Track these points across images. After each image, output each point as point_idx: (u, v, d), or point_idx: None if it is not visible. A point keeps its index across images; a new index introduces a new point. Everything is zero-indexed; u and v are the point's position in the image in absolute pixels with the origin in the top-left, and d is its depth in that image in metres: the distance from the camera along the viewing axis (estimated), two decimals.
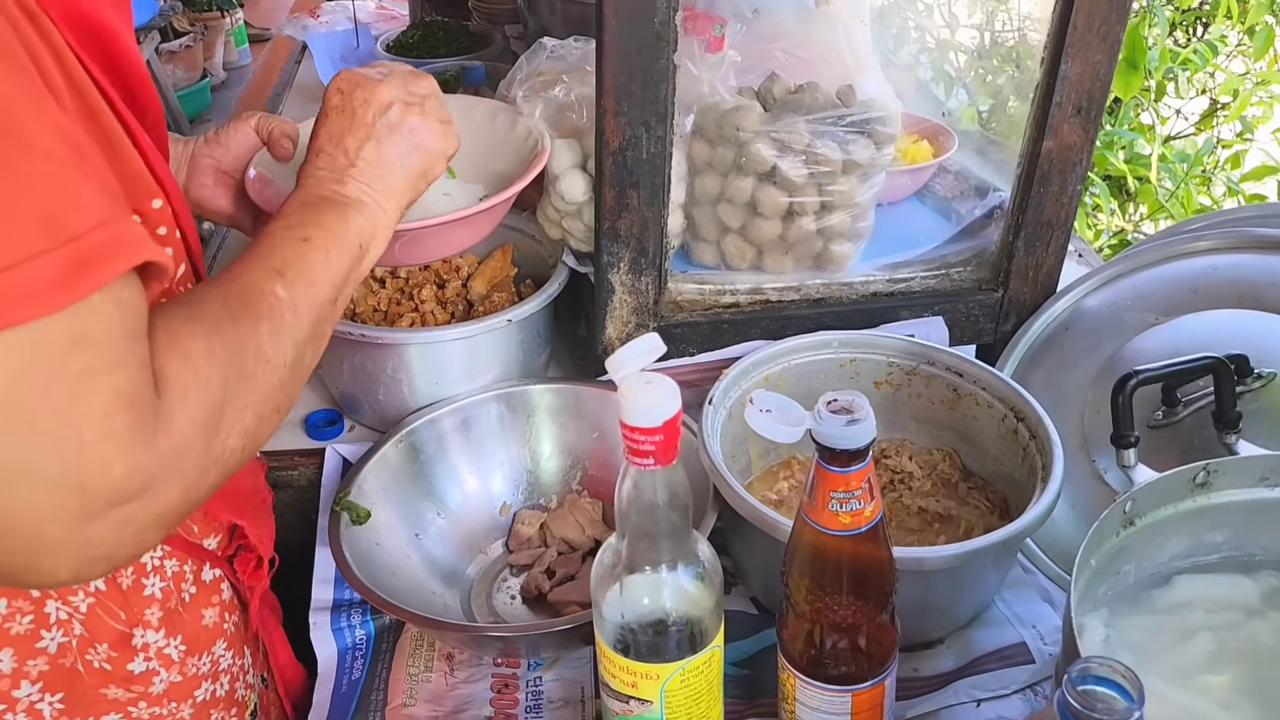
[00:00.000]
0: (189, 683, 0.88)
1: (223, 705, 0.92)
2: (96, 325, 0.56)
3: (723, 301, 1.19)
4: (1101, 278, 1.21)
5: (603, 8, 0.96)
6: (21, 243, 0.52)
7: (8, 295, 0.52)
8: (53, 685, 0.79)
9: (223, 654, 0.91)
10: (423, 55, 2.05)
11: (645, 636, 0.76)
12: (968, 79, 2.12)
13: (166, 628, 0.85)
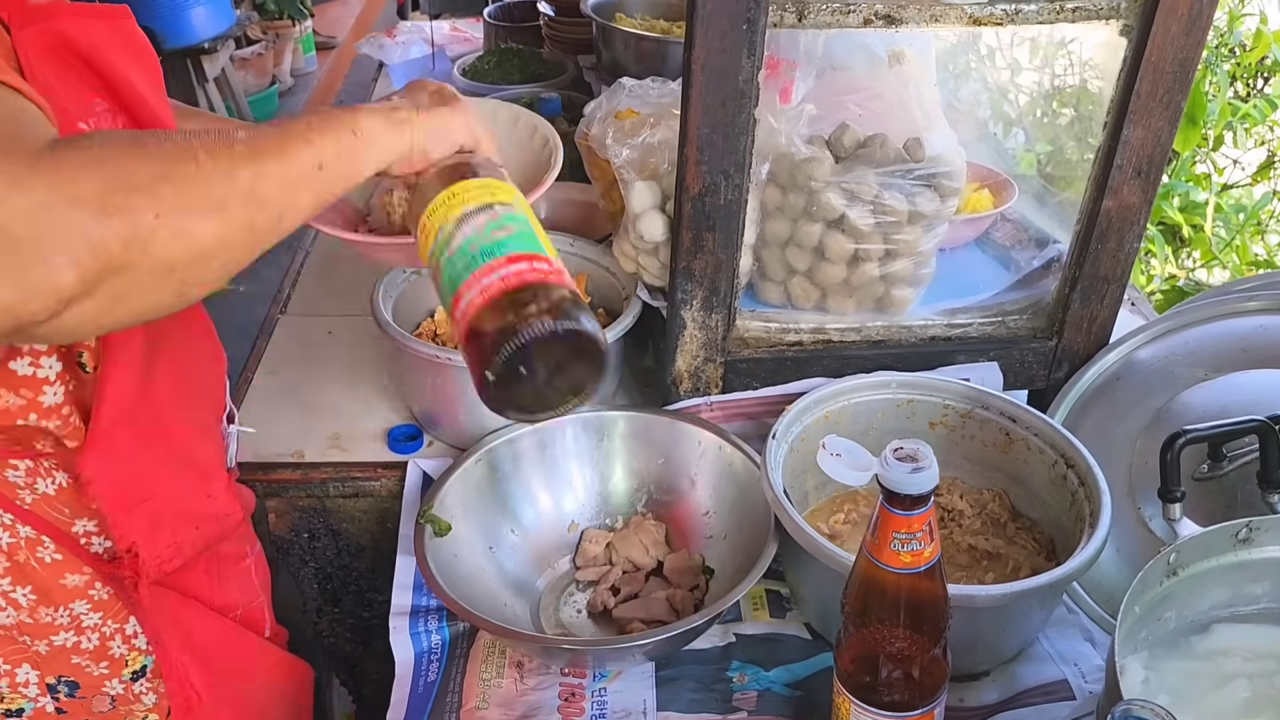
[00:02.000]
0: (42, 626, 0.96)
1: (88, 655, 0.99)
2: None
3: (787, 339, 1.25)
4: (1154, 331, 1.25)
5: (691, 65, 1.03)
6: None
7: None
8: None
9: (86, 613, 0.97)
10: (497, 81, 2.13)
11: None
12: (1026, 121, 2.16)
13: (13, 577, 0.93)
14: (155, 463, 0.97)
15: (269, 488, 1.25)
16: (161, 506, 0.98)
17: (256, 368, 1.42)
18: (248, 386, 1.39)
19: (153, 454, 0.96)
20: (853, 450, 0.82)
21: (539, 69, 2.17)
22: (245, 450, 1.27)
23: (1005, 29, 1.13)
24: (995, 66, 1.94)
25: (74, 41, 0.82)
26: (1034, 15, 1.06)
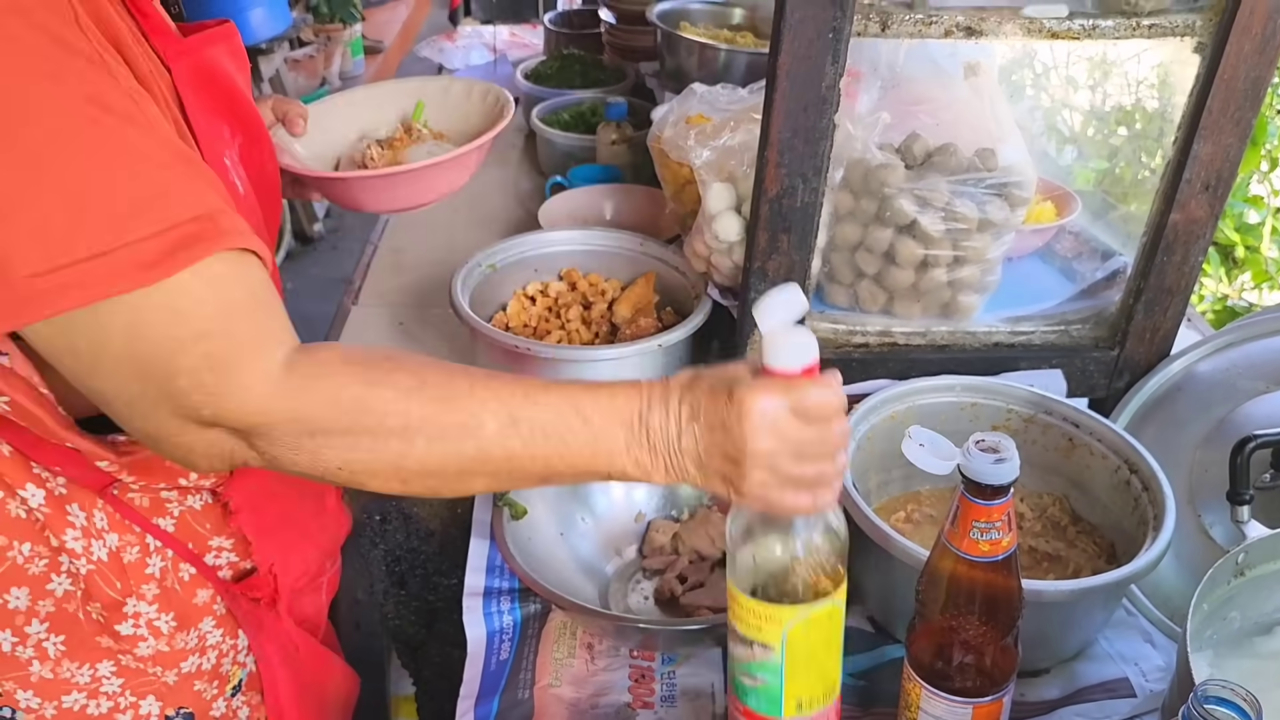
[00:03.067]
0: (176, 654, 0.98)
1: (206, 678, 1.01)
2: (184, 300, 0.72)
3: (853, 341, 1.28)
4: (1215, 344, 1.28)
5: (776, 70, 1.06)
6: (124, 229, 0.69)
7: (113, 271, 0.69)
8: (57, 627, 0.92)
9: (210, 630, 1.00)
10: (559, 86, 2.18)
11: (773, 582, 0.81)
12: (1082, 139, 2.19)
13: (160, 603, 0.95)
14: (286, 485, 1.01)
15: None
16: (293, 528, 1.04)
17: None
18: None
19: (284, 479, 0.93)
20: (936, 441, 0.85)
21: (600, 75, 2.22)
22: None
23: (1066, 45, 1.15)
24: (1051, 84, 1.97)
25: (212, 71, 0.87)
26: (1110, 31, 1.09)
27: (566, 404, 0.77)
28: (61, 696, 0.95)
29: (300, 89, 4.69)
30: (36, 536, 0.89)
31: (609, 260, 1.46)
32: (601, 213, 1.70)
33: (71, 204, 0.69)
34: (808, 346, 0.73)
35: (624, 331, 1.35)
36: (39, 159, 0.69)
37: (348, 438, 0.75)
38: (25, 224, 0.69)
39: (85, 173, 0.70)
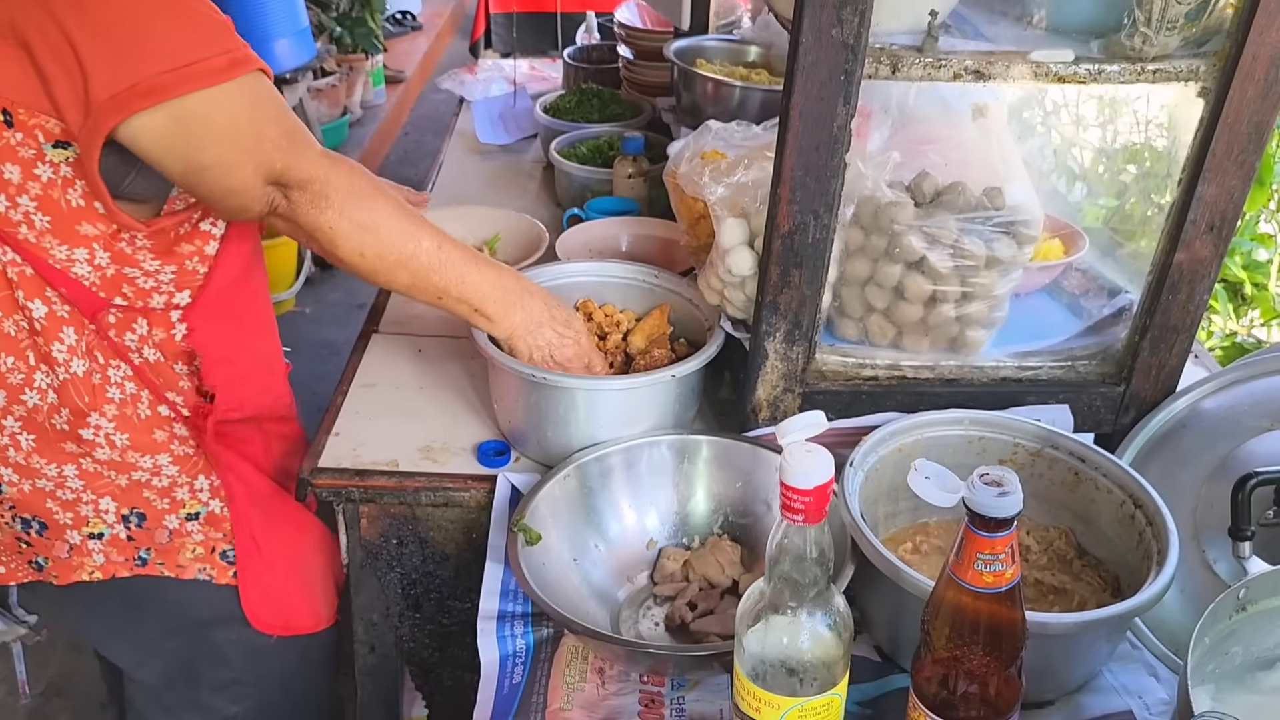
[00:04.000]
0: (128, 465, 1.23)
1: (159, 495, 1.26)
2: (260, 89, 1.10)
3: (863, 374, 1.30)
4: (1220, 381, 1.29)
5: (789, 111, 1.10)
6: (208, 49, 1.05)
7: (208, 70, 1.05)
8: (29, 427, 1.19)
9: (166, 464, 1.25)
10: (577, 119, 2.22)
11: (777, 670, 0.88)
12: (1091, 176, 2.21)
13: (118, 424, 1.20)
14: (240, 334, 1.30)
15: (364, 494, 1.31)
16: (237, 368, 1.29)
17: (353, 379, 1.50)
18: (344, 397, 1.46)
19: (240, 328, 1.29)
20: (941, 474, 0.88)
21: (617, 109, 2.26)
22: (344, 457, 1.34)
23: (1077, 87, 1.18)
24: (1060, 122, 2.00)
25: None
26: (1116, 75, 1.12)
27: (474, 259, 1.26)
28: (35, 480, 1.22)
29: (322, 117, 4.76)
30: (19, 353, 1.15)
31: (624, 291, 1.49)
32: (618, 244, 1.74)
33: (176, 30, 1.04)
34: (821, 470, 0.82)
35: (638, 362, 1.38)
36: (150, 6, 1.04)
37: (346, 207, 1.15)
38: (152, 41, 1.03)
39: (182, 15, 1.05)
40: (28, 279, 1.12)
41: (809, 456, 0.82)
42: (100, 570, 1.27)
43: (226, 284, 1.24)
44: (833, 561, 0.87)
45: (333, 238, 1.17)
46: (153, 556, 1.28)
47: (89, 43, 1.00)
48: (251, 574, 1.31)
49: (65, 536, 1.25)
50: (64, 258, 1.13)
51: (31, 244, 1.11)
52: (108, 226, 1.13)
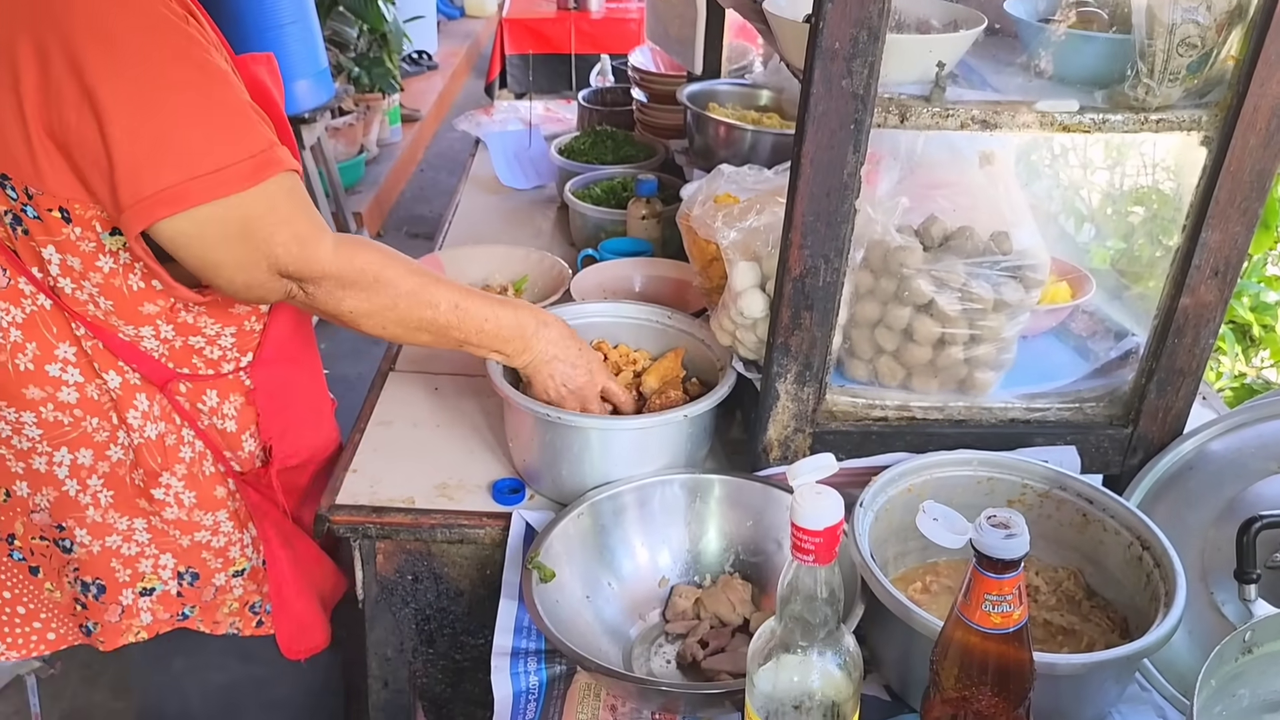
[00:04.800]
0: (192, 525, 1.32)
1: (213, 553, 1.35)
2: (278, 193, 1.12)
3: (873, 415, 1.32)
4: (1227, 424, 1.31)
5: (800, 158, 1.13)
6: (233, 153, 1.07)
7: (231, 178, 1.07)
8: (110, 484, 1.27)
9: (224, 520, 1.34)
10: (591, 161, 2.26)
11: (787, 709, 0.90)
12: (1099, 218, 2.24)
13: (187, 482, 1.30)
14: (295, 385, 1.38)
15: (381, 530, 1.34)
16: (293, 417, 1.38)
17: (370, 417, 1.53)
18: (361, 435, 1.49)
19: (295, 379, 1.38)
20: (949, 515, 0.89)
21: (631, 151, 2.30)
22: (361, 494, 1.37)
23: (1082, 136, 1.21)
24: (1069, 164, 2.03)
25: (253, 81, 1.20)
26: (1120, 125, 1.15)
27: (490, 307, 1.30)
28: (105, 538, 1.30)
29: (340, 155, 4.84)
30: (104, 415, 1.24)
31: (638, 332, 1.52)
32: (631, 285, 1.77)
33: (202, 136, 1.06)
34: (831, 511, 0.84)
35: (651, 402, 1.40)
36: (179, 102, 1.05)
37: (363, 291, 1.20)
38: (177, 147, 1.05)
39: (209, 118, 1.07)
40: (100, 352, 1.21)
41: (819, 498, 0.84)
42: (145, 629, 1.36)
43: (283, 336, 1.33)
44: (843, 601, 0.89)
45: (355, 320, 1.23)
46: (195, 614, 1.37)
47: (118, 147, 1.03)
48: (285, 612, 1.40)
49: (119, 598, 1.33)
50: (131, 335, 1.21)
51: (101, 322, 1.19)
52: (167, 302, 1.20)
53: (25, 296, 1.18)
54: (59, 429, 1.23)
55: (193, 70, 1.06)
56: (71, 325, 1.19)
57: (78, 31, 1.01)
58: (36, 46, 1.02)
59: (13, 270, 1.17)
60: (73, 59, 1.01)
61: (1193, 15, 1.09)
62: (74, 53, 1.01)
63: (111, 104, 1.01)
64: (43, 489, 1.27)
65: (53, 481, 1.26)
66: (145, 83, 1.03)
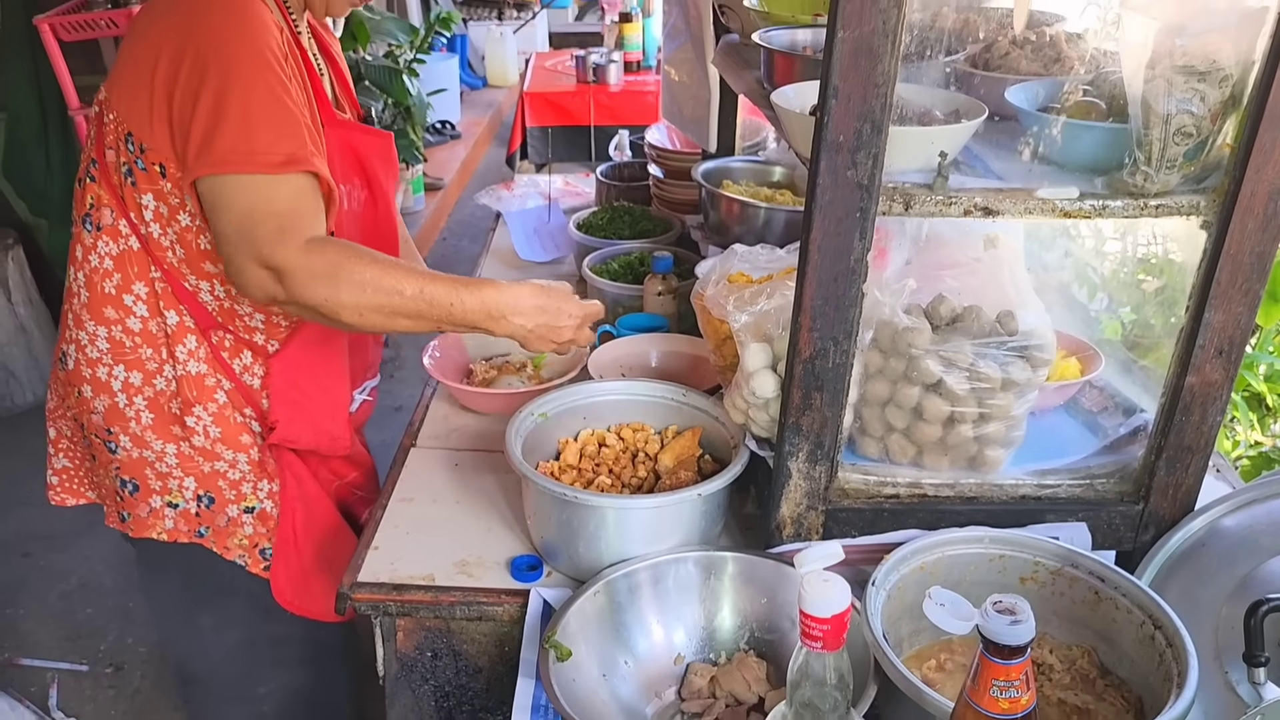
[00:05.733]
0: (214, 455, 1.54)
1: (229, 485, 1.56)
2: (285, 189, 1.32)
3: (884, 492, 1.34)
4: (1238, 500, 1.32)
5: (808, 245, 1.16)
6: (276, 144, 1.31)
7: (261, 161, 1.30)
8: (151, 407, 1.51)
9: (242, 461, 1.55)
10: (609, 236, 2.31)
11: None
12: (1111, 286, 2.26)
13: (215, 418, 1.52)
14: (312, 380, 1.57)
15: (401, 607, 1.36)
16: (302, 408, 1.56)
17: (392, 493, 1.56)
18: (383, 511, 1.52)
19: (314, 376, 1.57)
20: (956, 601, 0.91)
21: (648, 225, 2.35)
22: (382, 571, 1.39)
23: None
24: (1080, 234, 2.06)
25: (355, 146, 1.54)
26: (1119, 210, 1.18)
27: (453, 291, 1.39)
28: (143, 450, 1.53)
29: None
30: (157, 347, 1.48)
31: (653, 409, 1.55)
32: (648, 360, 1.80)
33: (254, 129, 1.30)
34: (838, 598, 0.86)
35: (665, 481, 1.42)
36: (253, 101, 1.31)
37: (331, 281, 1.32)
38: (238, 126, 1.30)
39: (264, 120, 1.31)
40: (167, 293, 1.47)
41: (827, 585, 0.86)
42: (167, 534, 1.57)
43: (311, 340, 1.54)
44: (853, 686, 0.90)
45: (333, 308, 1.34)
46: (209, 534, 1.58)
47: (198, 120, 1.30)
48: (283, 557, 1.59)
49: (149, 501, 1.56)
50: (193, 285, 1.47)
51: (173, 267, 1.45)
52: (221, 267, 1.41)
53: (122, 235, 1.44)
54: (121, 349, 1.49)
55: (266, 87, 1.33)
56: (150, 267, 1.45)
57: (205, 43, 1.31)
58: (176, 46, 1.32)
59: (118, 211, 1.43)
60: (195, 58, 1.31)
61: (1187, 105, 1.13)
62: (197, 54, 1.31)
63: (207, 92, 1.30)
64: (100, 395, 1.51)
65: (109, 391, 1.50)
66: (232, 85, 1.30)
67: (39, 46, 3.47)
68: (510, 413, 1.50)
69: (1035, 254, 1.75)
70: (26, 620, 2.93)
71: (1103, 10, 1.44)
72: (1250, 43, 1.12)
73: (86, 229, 1.47)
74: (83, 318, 1.49)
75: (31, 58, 3.69)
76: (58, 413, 1.66)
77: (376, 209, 1.63)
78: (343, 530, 1.68)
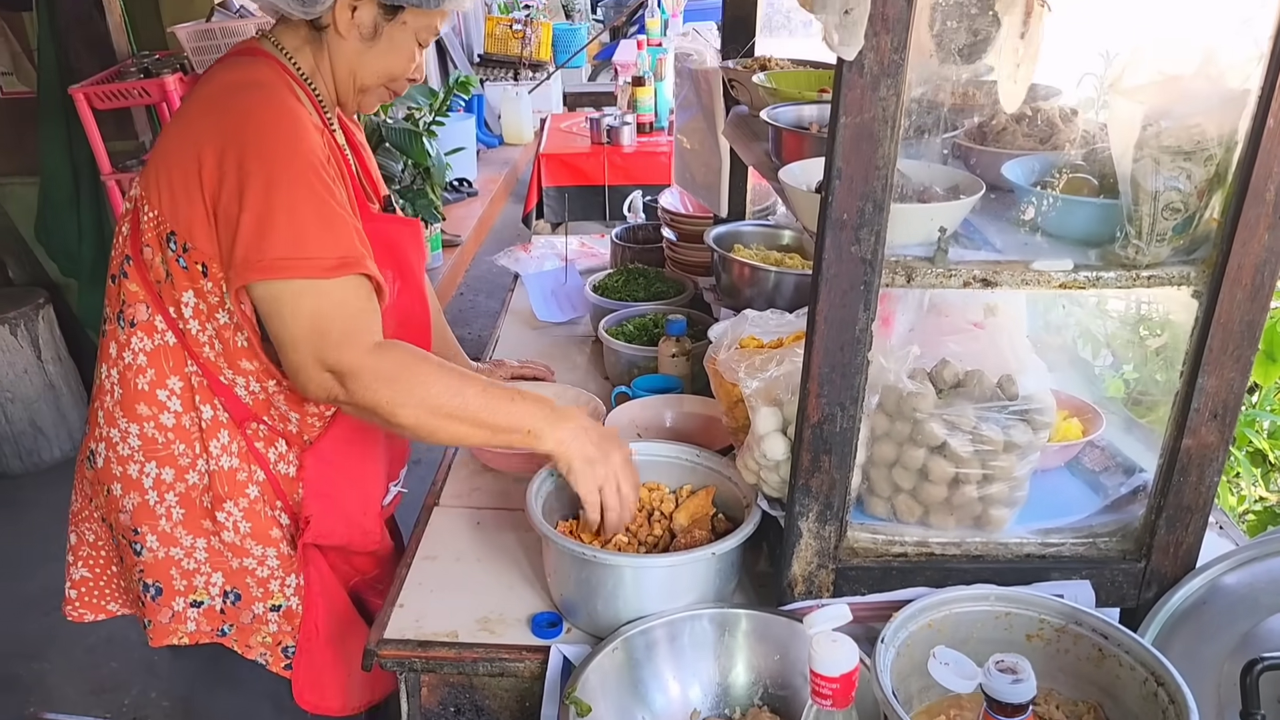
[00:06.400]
0: (243, 551, 1.55)
1: (257, 582, 1.58)
2: (343, 292, 1.37)
3: (893, 551, 1.38)
4: (1239, 558, 1.36)
5: (815, 317, 1.22)
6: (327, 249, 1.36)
7: (314, 266, 1.34)
8: (182, 502, 1.52)
9: (271, 556, 1.57)
10: (624, 298, 2.37)
11: None
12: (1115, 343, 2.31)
13: (246, 513, 1.54)
14: (345, 476, 1.59)
15: (426, 664, 1.40)
16: (335, 504, 1.58)
17: (416, 552, 1.61)
18: (408, 570, 1.57)
19: (346, 471, 1.60)
20: (959, 660, 0.95)
21: (662, 287, 2.42)
22: (408, 628, 1.44)
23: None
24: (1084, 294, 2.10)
25: (388, 237, 1.56)
26: (1113, 281, 1.23)
27: (514, 397, 1.45)
28: (170, 548, 1.54)
29: None
30: (190, 442, 1.51)
31: (668, 469, 1.60)
32: (662, 421, 1.86)
33: (304, 232, 1.35)
34: (846, 658, 0.92)
35: (680, 539, 1.47)
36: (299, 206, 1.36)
37: (396, 383, 1.37)
38: (287, 232, 1.34)
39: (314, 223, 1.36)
40: (203, 387, 1.50)
41: (835, 646, 0.90)
42: (189, 636, 1.60)
43: (347, 433, 1.57)
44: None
45: (392, 410, 1.38)
46: (232, 632, 1.61)
47: (245, 223, 1.34)
48: (306, 655, 1.60)
49: (172, 604, 1.57)
50: (230, 379, 1.50)
51: (210, 362, 1.48)
52: (261, 364, 1.48)
53: (157, 331, 1.48)
54: (153, 445, 1.51)
55: (313, 191, 1.37)
56: (186, 361, 1.48)
57: (248, 147, 1.36)
58: (218, 150, 1.37)
59: (154, 308, 1.47)
60: (239, 162, 1.35)
61: (1175, 183, 1.19)
62: (241, 159, 1.35)
63: (253, 196, 1.34)
64: (130, 493, 1.53)
65: (139, 488, 1.52)
66: (279, 189, 1.35)
67: (73, 114, 3.60)
68: (530, 472, 1.55)
69: (1039, 314, 1.81)
70: (53, 674, 2.97)
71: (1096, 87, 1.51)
72: (1232, 124, 1.18)
73: (120, 325, 1.49)
74: (115, 414, 1.51)
75: (66, 124, 3.83)
76: (82, 514, 1.65)
77: (410, 295, 1.66)
78: (357, 624, 1.69)
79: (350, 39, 1.50)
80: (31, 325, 3.97)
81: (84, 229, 4.01)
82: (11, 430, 3.97)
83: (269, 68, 1.48)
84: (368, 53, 1.51)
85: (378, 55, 1.52)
